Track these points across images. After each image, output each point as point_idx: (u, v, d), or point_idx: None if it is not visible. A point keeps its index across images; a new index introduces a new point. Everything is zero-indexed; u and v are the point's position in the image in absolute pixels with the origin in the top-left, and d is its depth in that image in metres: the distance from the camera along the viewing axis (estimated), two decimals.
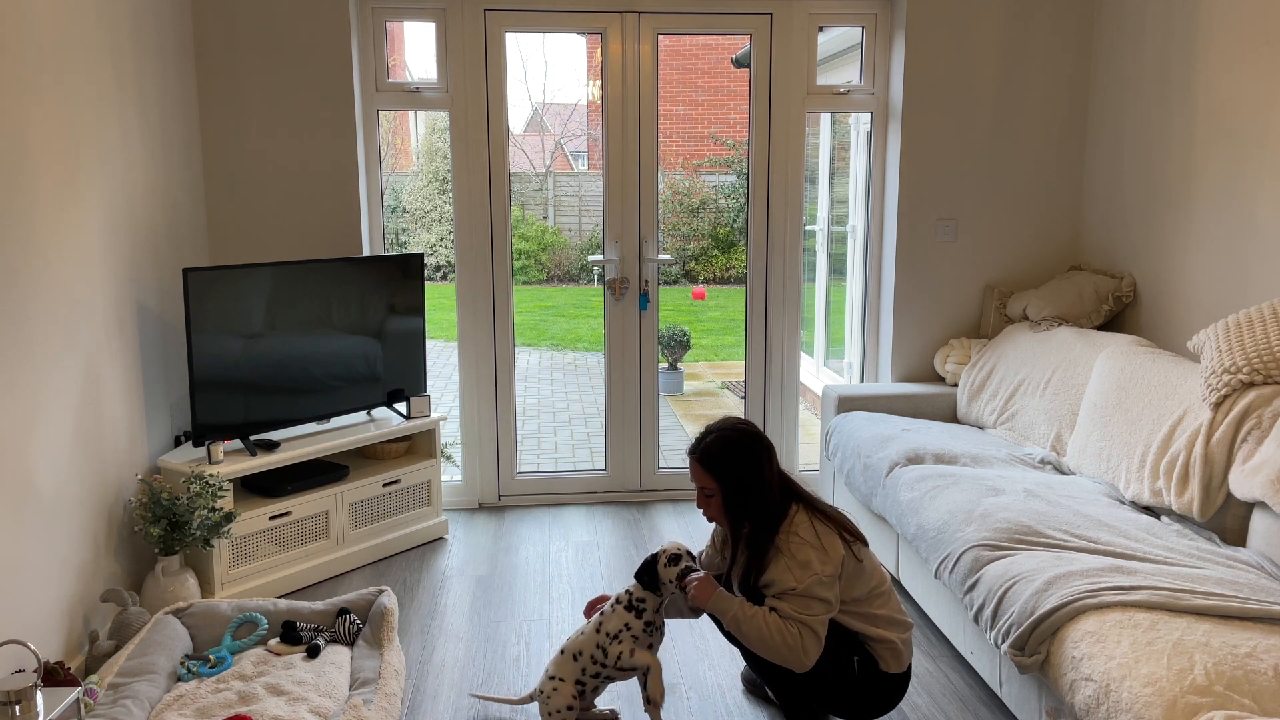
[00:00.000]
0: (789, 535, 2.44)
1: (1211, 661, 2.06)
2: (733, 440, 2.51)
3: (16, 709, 2.08)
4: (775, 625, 2.38)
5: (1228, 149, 3.43)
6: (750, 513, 2.49)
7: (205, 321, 3.44)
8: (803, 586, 2.38)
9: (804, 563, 2.40)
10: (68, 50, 2.92)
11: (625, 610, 2.58)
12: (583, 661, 2.58)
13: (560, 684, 2.59)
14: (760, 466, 2.49)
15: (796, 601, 2.39)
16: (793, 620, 2.38)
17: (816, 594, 2.39)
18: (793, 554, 2.41)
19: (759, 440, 2.52)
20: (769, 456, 2.52)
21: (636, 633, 2.56)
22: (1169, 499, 2.93)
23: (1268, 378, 2.80)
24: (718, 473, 2.49)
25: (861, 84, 4.44)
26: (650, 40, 4.28)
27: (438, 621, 3.38)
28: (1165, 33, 3.76)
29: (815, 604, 2.39)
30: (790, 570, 2.40)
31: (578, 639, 2.62)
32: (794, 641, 2.37)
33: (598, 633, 2.58)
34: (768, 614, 2.41)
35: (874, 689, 2.53)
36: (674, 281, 12.96)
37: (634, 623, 2.56)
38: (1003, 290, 4.37)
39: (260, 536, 3.54)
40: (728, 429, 2.54)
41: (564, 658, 2.61)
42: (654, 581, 2.56)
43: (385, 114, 7.15)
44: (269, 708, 2.47)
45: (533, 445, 6.16)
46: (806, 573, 2.38)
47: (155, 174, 3.55)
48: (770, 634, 2.38)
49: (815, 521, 2.46)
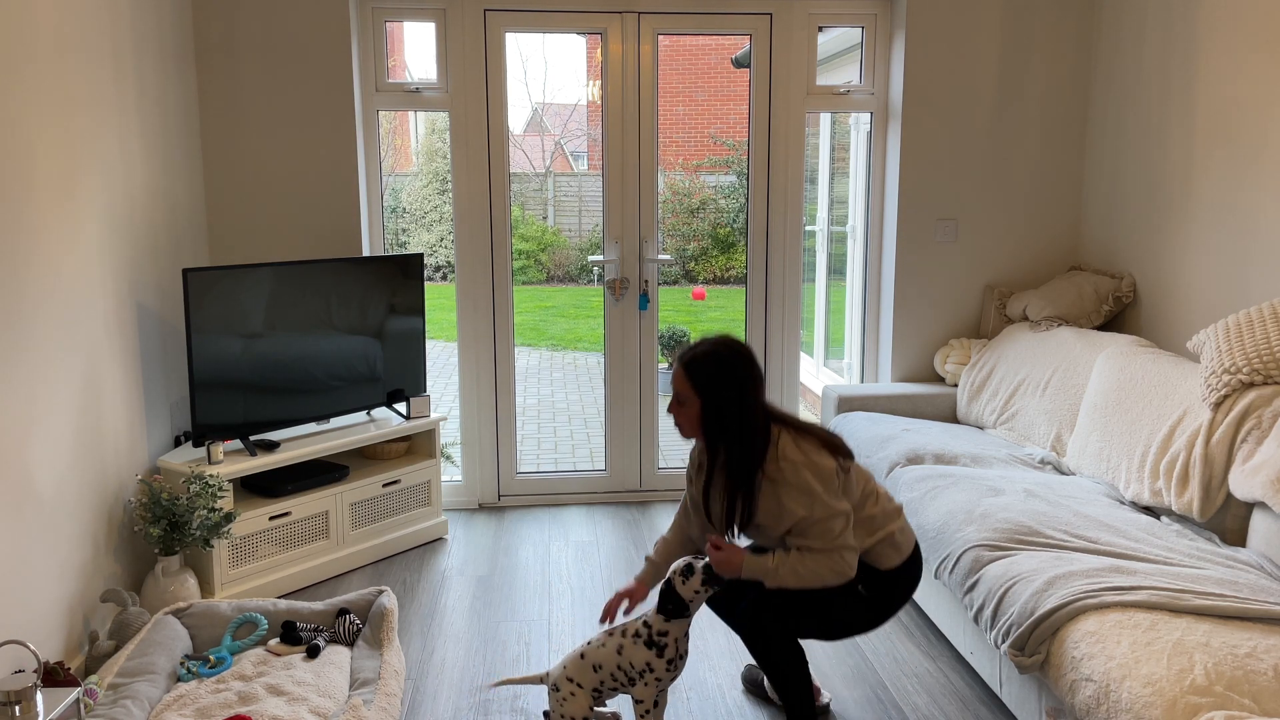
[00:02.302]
0: (778, 463, 2.37)
1: (1211, 661, 2.06)
2: (724, 359, 2.40)
3: (16, 709, 2.08)
4: (811, 564, 2.35)
5: (1228, 149, 3.43)
6: (728, 438, 2.39)
7: (205, 322, 3.44)
8: (814, 512, 2.33)
9: (803, 487, 2.34)
10: (68, 50, 2.92)
11: (646, 648, 2.46)
12: (602, 675, 2.50)
13: (578, 690, 2.51)
14: (745, 393, 2.39)
15: (817, 529, 2.34)
16: (824, 552, 2.35)
17: (831, 511, 2.34)
18: (788, 481, 2.35)
19: (751, 367, 2.41)
20: (756, 387, 2.41)
21: (660, 673, 2.47)
22: (1169, 499, 2.93)
23: (1268, 378, 2.80)
24: (700, 386, 2.39)
25: (861, 84, 4.44)
26: (650, 40, 4.28)
27: (438, 622, 3.38)
28: (1165, 33, 3.76)
29: (835, 522, 2.35)
30: (795, 499, 2.34)
31: (599, 651, 2.50)
32: (834, 566, 2.35)
33: (619, 654, 2.48)
34: (801, 557, 2.36)
35: (886, 591, 2.49)
36: (674, 281, 12.96)
37: (656, 663, 2.46)
38: (1003, 290, 4.37)
39: (260, 537, 3.54)
40: (723, 346, 2.42)
41: (584, 664, 2.51)
42: (681, 607, 2.45)
43: (385, 114, 7.15)
44: (269, 708, 2.47)
45: (533, 445, 6.16)
46: (810, 497, 2.33)
47: (155, 174, 3.55)
48: (808, 573, 2.35)
49: (799, 440, 2.40)
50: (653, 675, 2.46)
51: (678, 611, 2.46)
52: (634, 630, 2.48)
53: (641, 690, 2.48)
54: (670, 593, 2.46)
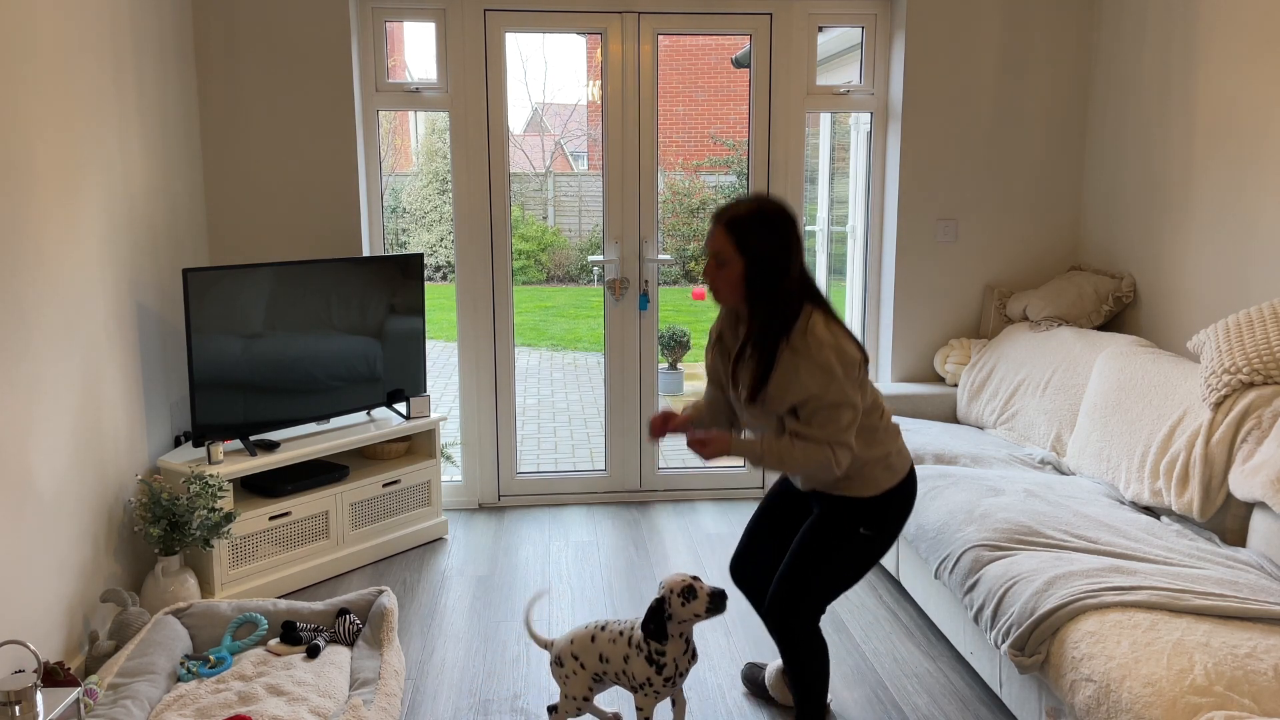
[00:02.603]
0: (804, 336, 2.26)
1: (1211, 662, 2.06)
2: (769, 216, 2.29)
3: (16, 709, 2.08)
4: (802, 451, 2.27)
5: (1228, 149, 3.43)
6: (764, 299, 2.29)
7: (205, 321, 3.44)
8: (828, 393, 2.24)
9: (824, 365, 2.23)
10: (68, 50, 2.92)
11: (647, 664, 2.42)
12: (606, 668, 2.48)
13: (580, 670, 2.50)
14: (790, 251, 2.29)
15: (822, 415, 2.25)
16: (820, 443, 2.26)
17: (844, 398, 2.25)
18: (811, 356, 2.24)
19: (794, 225, 2.31)
20: (799, 248, 2.31)
21: (658, 688, 2.44)
22: (1169, 499, 2.93)
23: (1268, 378, 2.80)
24: (743, 244, 2.28)
25: (861, 84, 4.44)
26: (650, 40, 4.28)
27: (438, 622, 3.38)
28: (1165, 33, 3.76)
29: (844, 412, 2.25)
30: (813, 375, 2.24)
31: (610, 647, 2.47)
32: (824, 457, 2.27)
33: (626, 662, 2.45)
34: (793, 443, 2.28)
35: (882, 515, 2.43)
36: (674, 281, 12.95)
37: (655, 679, 2.43)
38: (1003, 290, 4.37)
39: (260, 537, 3.54)
40: (765, 202, 2.32)
41: (593, 649, 2.48)
42: (661, 632, 2.36)
43: (385, 114, 7.15)
44: (269, 708, 2.47)
45: (533, 445, 6.16)
46: (828, 376, 2.23)
47: (155, 174, 3.55)
48: (797, 459, 2.27)
49: (830, 323, 2.30)
50: (651, 689, 2.45)
51: (657, 635, 2.38)
52: (638, 641, 2.45)
53: (641, 700, 2.48)
54: (656, 613, 2.38)
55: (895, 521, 2.47)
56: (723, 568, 3.80)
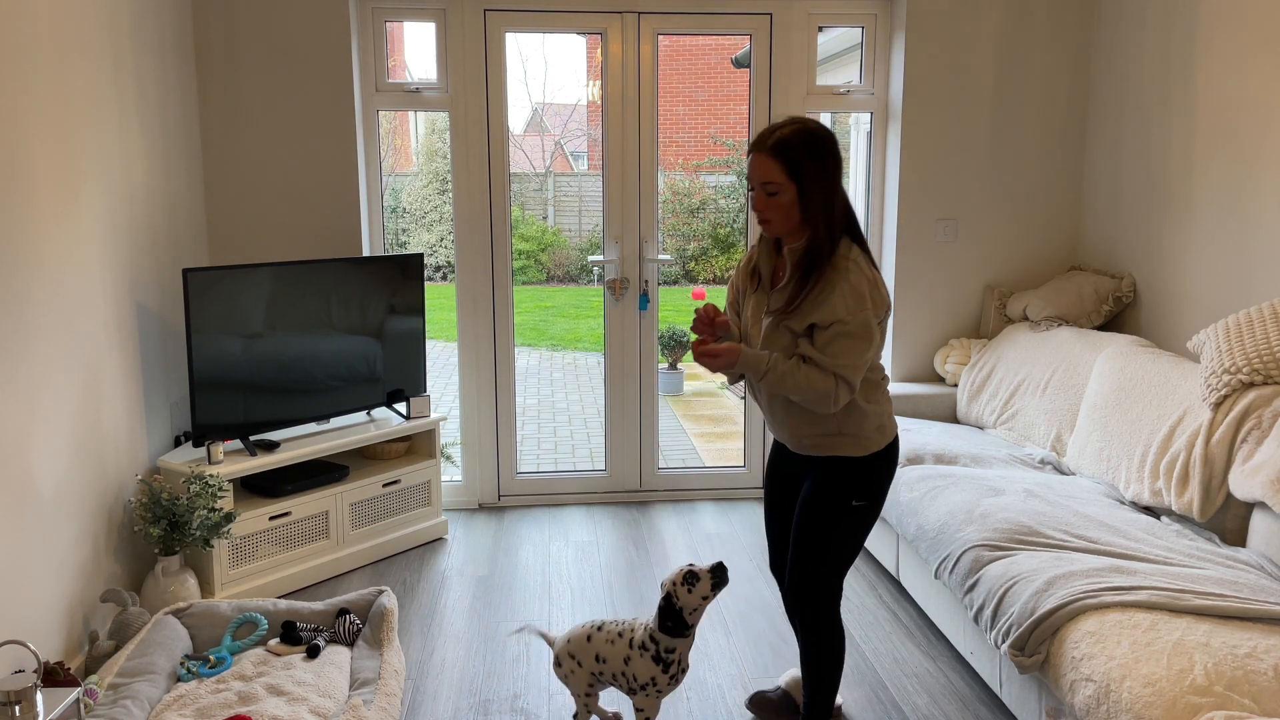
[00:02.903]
0: (847, 260, 2.24)
1: (1211, 661, 2.06)
2: (814, 134, 2.25)
3: (16, 709, 2.08)
4: (805, 375, 2.24)
5: (1228, 149, 3.43)
6: (818, 221, 2.26)
7: (205, 322, 3.44)
8: (853, 320, 2.21)
9: (858, 293, 2.22)
10: (67, 50, 2.92)
11: (654, 662, 2.42)
12: (603, 669, 2.48)
13: (578, 670, 2.51)
14: (837, 169, 2.26)
15: (839, 344, 2.22)
16: (827, 372, 2.23)
17: (867, 330, 2.23)
18: (850, 280, 2.22)
19: (836, 143, 2.27)
20: (840, 167, 2.26)
21: (662, 687, 2.45)
22: (1169, 499, 2.93)
23: (1268, 378, 2.80)
24: (791, 166, 2.23)
25: (861, 84, 4.44)
26: (650, 40, 4.28)
27: (438, 622, 3.38)
28: (1165, 33, 3.76)
29: (859, 345, 2.22)
30: (844, 299, 2.21)
31: (608, 648, 2.47)
32: (826, 387, 2.23)
33: (626, 664, 2.45)
34: (799, 365, 2.25)
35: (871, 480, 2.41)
36: (674, 281, 12.95)
37: (660, 678, 2.44)
38: (1003, 290, 4.37)
39: (260, 537, 3.54)
40: (805, 122, 2.27)
41: (589, 648, 2.49)
42: (681, 625, 2.39)
43: (385, 114, 7.15)
44: (269, 708, 2.46)
45: (533, 445, 6.16)
46: (859, 304, 2.21)
47: (155, 174, 3.55)
48: (799, 381, 2.24)
49: (870, 264, 2.29)
50: (655, 689, 2.45)
51: (678, 630, 2.40)
52: (640, 641, 2.45)
53: (643, 700, 2.47)
54: (669, 609, 2.39)
55: (882, 487, 2.45)
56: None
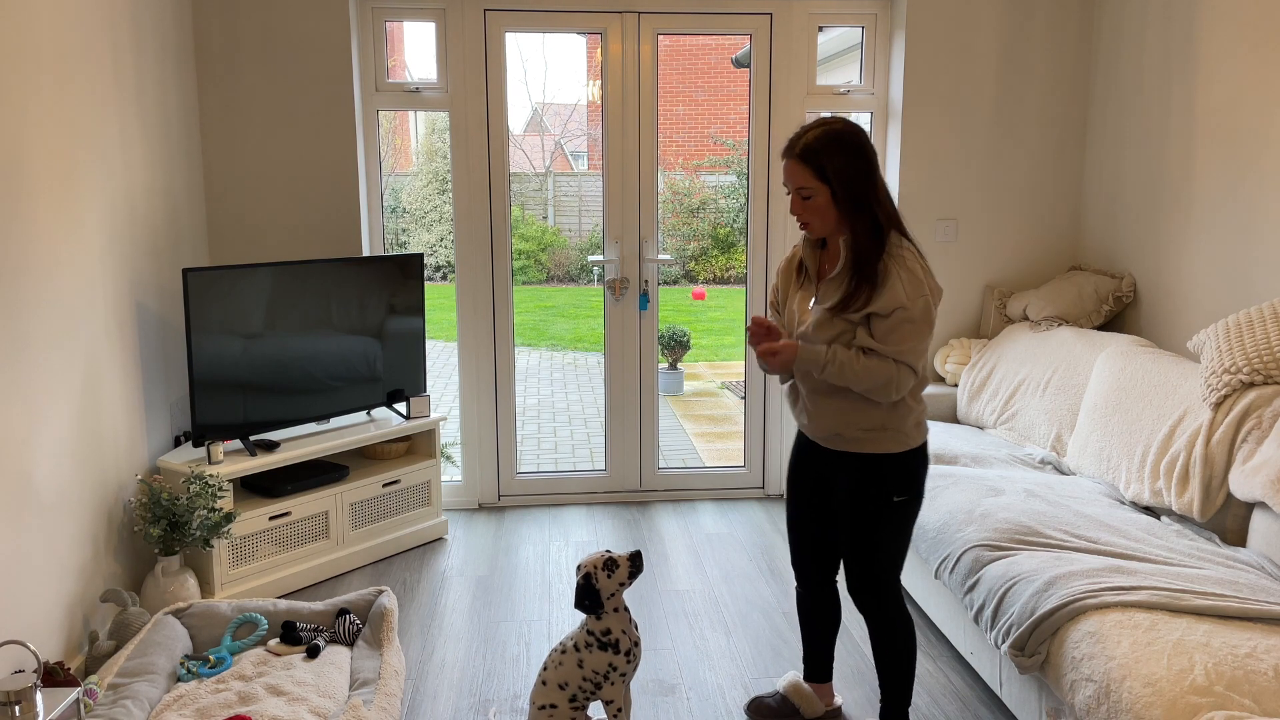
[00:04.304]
0: (902, 249, 2.26)
1: (1211, 661, 2.06)
2: (840, 134, 2.27)
3: (16, 709, 2.08)
4: (865, 365, 2.25)
5: (1228, 149, 3.43)
6: (859, 219, 2.27)
7: (205, 321, 3.44)
8: (914, 305, 2.22)
9: (916, 279, 2.24)
10: (67, 50, 2.92)
11: (602, 650, 2.46)
12: (571, 690, 2.49)
13: (555, 710, 2.50)
14: (871, 165, 2.28)
15: (901, 330, 2.23)
16: (887, 359, 2.25)
17: (923, 316, 2.24)
18: (907, 266, 2.24)
19: (866, 139, 2.29)
20: (876, 161, 2.29)
21: (622, 668, 2.48)
22: (1169, 499, 2.93)
23: (1268, 378, 2.80)
24: (821, 171, 2.26)
25: (861, 84, 4.44)
26: (650, 40, 4.28)
27: (438, 622, 3.38)
28: (1165, 33, 3.76)
29: (920, 329, 2.23)
30: (903, 284, 2.22)
31: (560, 671, 2.49)
32: (888, 374, 2.25)
33: (581, 667, 2.47)
34: (858, 355, 2.27)
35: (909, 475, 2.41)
36: (674, 281, 12.95)
37: (617, 659, 2.46)
38: (1003, 290, 4.37)
39: (260, 537, 3.54)
40: (831, 122, 2.29)
41: (549, 689, 2.50)
42: (597, 603, 2.43)
43: (385, 114, 7.15)
44: (269, 708, 2.47)
45: (533, 445, 6.16)
46: (918, 290, 2.23)
47: (155, 174, 3.55)
48: (859, 371, 2.26)
49: (918, 253, 2.31)
50: (617, 673, 2.48)
51: (593, 608, 2.44)
52: (584, 641, 2.48)
53: (610, 690, 2.49)
54: (588, 589, 2.44)
55: (920, 481, 2.46)
56: (723, 567, 3.81)
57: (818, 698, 2.76)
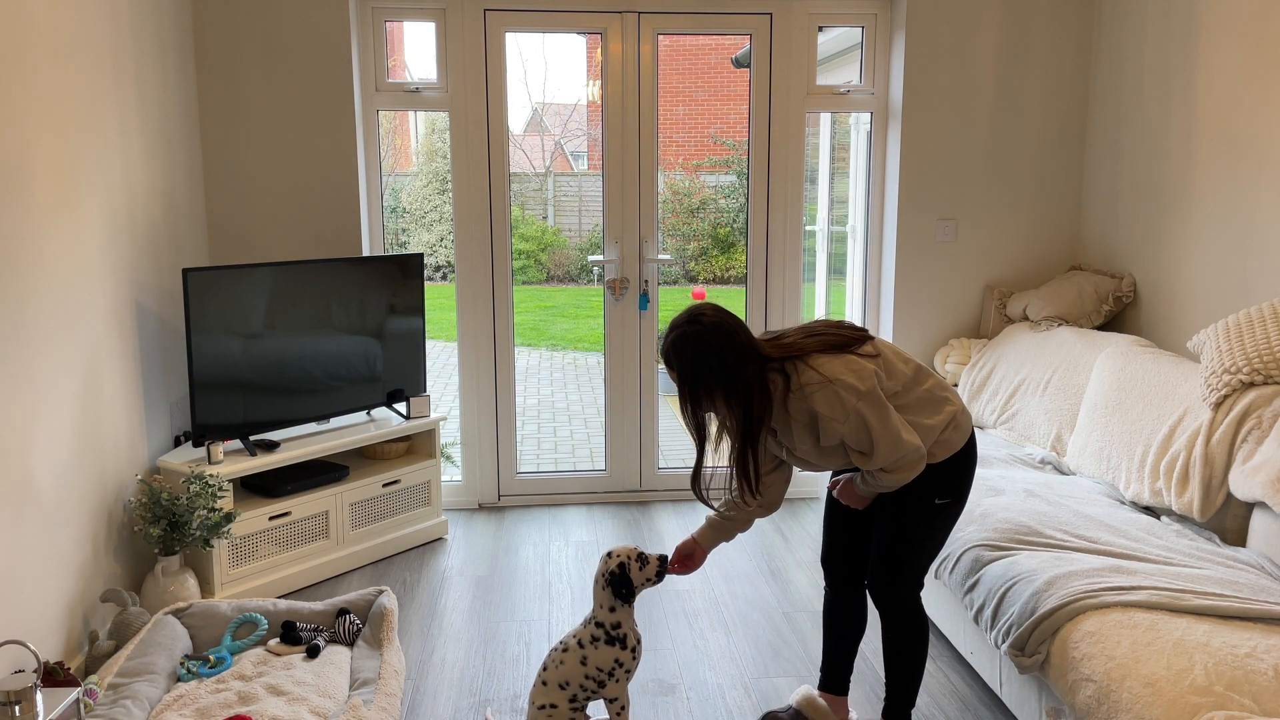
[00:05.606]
0: (800, 392, 2.26)
1: (1211, 661, 2.06)
2: (690, 339, 2.25)
3: (16, 709, 2.08)
4: (887, 478, 2.32)
5: (1228, 149, 3.43)
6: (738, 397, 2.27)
7: (205, 321, 3.44)
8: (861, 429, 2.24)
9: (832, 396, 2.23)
10: (67, 50, 2.92)
11: (609, 645, 2.47)
12: (572, 689, 2.49)
13: (555, 710, 2.49)
14: (721, 359, 2.24)
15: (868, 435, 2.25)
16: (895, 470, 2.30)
17: (876, 423, 2.24)
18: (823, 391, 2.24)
19: (718, 329, 2.25)
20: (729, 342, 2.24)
21: (628, 665, 2.49)
22: (1169, 499, 2.93)
23: (1268, 378, 2.80)
24: (684, 374, 2.28)
25: (861, 84, 4.44)
26: (650, 40, 4.28)
27: (438, 622, 3.38)
28: (1165, 33, 3.76)
29: (886, 430, 2.25)
30: (831, 423, 2.25)
31: (561, 670, 2.49)
32: (908, 464, 2.30)
33: (584, 664, 2.47)
34: (877, 476, 2.33)
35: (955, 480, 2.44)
36: (674, 281, 12.95)
37: (623, 655, 2.47)
38: (1003, 290, 4.37)
39: (260, 537, 3.53)
40: (682, 327, 2.27)
41: (549, 688, 2.49)
42: (632, 592, 2.47)
43: (385, 114, 7.15)
44: (269, 708, 2.46)
45: (533, 445, 6.16)
46: (845, 412, 2.23)
47: (155, 174, 3.55)
48: (890, 483, 2.33)
49: (812, 362, 2.28)
50: (622, 669, 2.48)
51: (630, 596, 2.48)
52: (589, 636, 2.48)
53: (614, 688, 2.49)
54: (625, 578, 2.48)
55: (965, 481, 2.47)
56: (722, 566, 3.80)
57: (833, 713, 2.69)
